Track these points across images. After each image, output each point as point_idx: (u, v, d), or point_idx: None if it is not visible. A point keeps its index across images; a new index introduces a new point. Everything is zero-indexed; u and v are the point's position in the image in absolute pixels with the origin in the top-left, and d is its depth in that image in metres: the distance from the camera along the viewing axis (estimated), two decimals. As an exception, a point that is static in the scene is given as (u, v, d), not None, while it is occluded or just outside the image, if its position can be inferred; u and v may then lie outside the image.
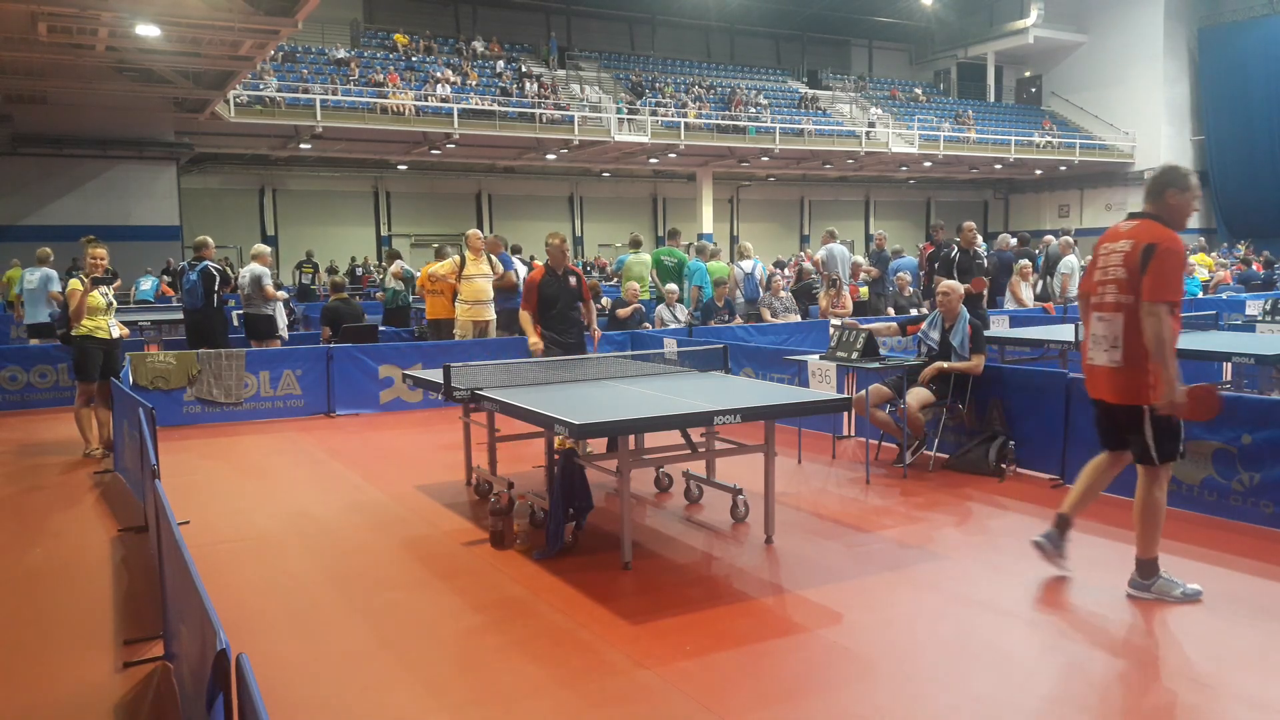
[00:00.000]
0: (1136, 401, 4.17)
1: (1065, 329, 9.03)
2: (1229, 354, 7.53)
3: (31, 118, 20.53)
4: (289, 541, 5.50)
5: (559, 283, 7.37)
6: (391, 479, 6.93)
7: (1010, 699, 3.43)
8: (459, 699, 3.52)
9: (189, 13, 13.89)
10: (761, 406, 5.01)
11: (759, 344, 10.95)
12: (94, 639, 4.13)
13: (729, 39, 38.32)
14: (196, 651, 2.46)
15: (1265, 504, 5.29)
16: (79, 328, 7.71)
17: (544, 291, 7.33)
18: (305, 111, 23.24)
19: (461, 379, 5.81)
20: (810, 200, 39.68)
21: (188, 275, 10.21)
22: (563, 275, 7.40)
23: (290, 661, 3.85)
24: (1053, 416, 6.44)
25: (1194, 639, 3.93)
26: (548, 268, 7.40)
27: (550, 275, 7.38)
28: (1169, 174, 4.37)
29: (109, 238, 10.00)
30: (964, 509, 5.94)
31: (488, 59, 29.72)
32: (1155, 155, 35.76)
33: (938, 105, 37.28)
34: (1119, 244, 4.27)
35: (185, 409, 9.28)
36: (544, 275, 7.39)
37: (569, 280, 7.42)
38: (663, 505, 6.16)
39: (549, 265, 7.40)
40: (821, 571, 4.82)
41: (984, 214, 42.70)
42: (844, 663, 3.76)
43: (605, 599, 4.43)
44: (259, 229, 30.79)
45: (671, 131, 28.03)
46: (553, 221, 35.18)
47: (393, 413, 9.88)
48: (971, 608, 4.25)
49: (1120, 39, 36.69)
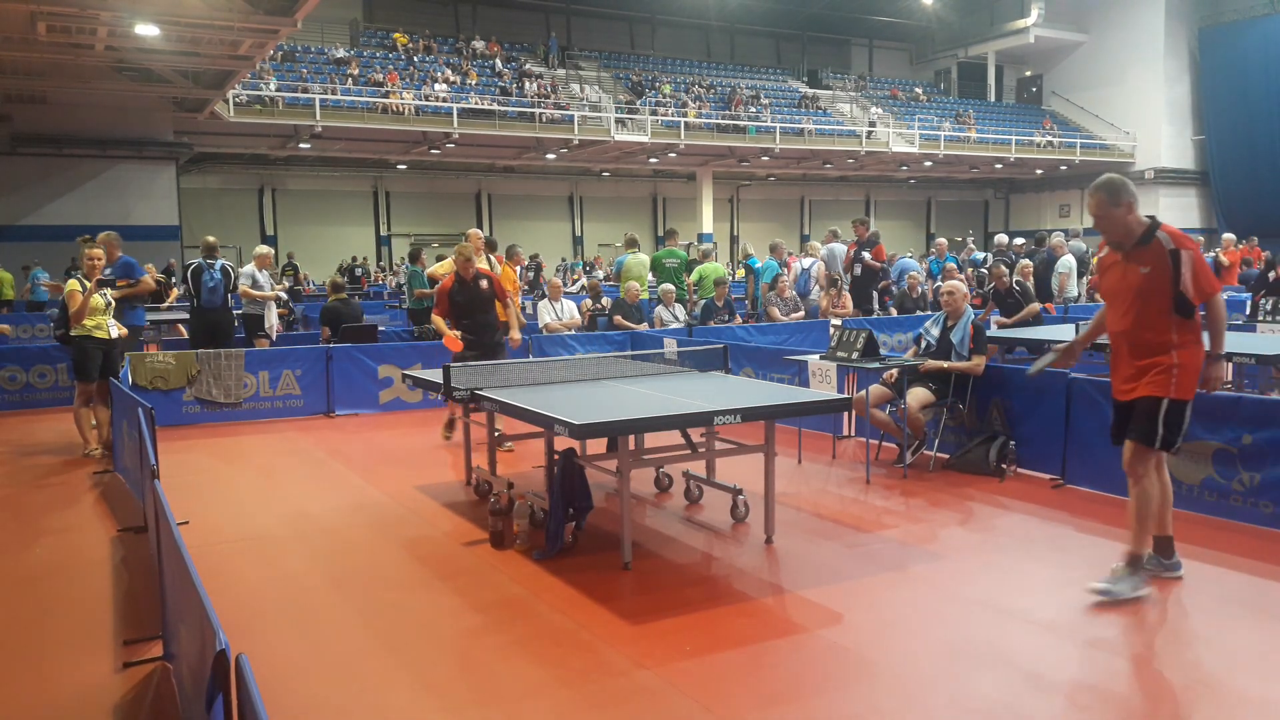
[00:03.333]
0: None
1: (1065, 329, 9.02)
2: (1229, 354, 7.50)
3: (31, 118, 20.52)
4: (289, 541, 5.50)
5: (469, 290, 7.46)
6: (391, 479, 6.92)
7: (1010, 699, 3.42)
8: (459, 699, 3.52)
9: (188, 12, 13.88)
10: (761, 406, 5.00)
11: (759, 344, 10.95)
12: (93, 639, 4.12)
13: (729, 38, 38.32)
14: (196, 652, 2.46)
15: (1265, 504, 5.28)
16: (78, 328, 7.70)
17: (454, 299, 7.44)
18: (305, 111, 23.24)
19: (461, 379, 5.81)
20: (810, 200, 39.69)
21: (209, 274, 10.10)
22: (473, 282, 7.48)
23: (290, 661, 3.85)
24: (1053, 417, 6.44)
25: (1194, 639, 3.93)
26: (457, 275, 7.48)
27: (460, 283, 7.46)
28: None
29: (108, 238, 10.00)
30: (964, 509, 5.94)
31: (487, 59, 29.72)
32: (1156, 155, 35.83)
33: (938, 105, 37.28)
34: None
35: (184, 409, 9.27)
36: (454, 284, 7.48)
37: (480, 285, 7.51)
38: (663, 505, 6.16)
39: (458, 273, 7.49)
40: (821, 571, 4.82)
41: (984, 214, 42.74)
42: (844, 663, 3.75)
43: (605, 599, 4.42)
44: (258, 229, 30.80)
45: (671, 131, 28.03)
46: (553, 221, 35.24)
47: (392, 413, 9.87)
48: (972, 608, 4.25)
49: (1121, 38, 36.70)
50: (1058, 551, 5.08)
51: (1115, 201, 4.29)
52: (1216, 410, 5.52)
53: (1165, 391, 4.22)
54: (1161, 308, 4.23)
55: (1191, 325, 4.26)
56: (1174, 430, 4.26)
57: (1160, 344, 4.25)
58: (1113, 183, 4.33)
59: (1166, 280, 4.21)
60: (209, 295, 10.10)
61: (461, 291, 7.47)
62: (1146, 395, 4.26)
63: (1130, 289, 4.31)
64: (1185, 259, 4.18)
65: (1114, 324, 4.43)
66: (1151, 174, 35.76)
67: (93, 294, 7.72)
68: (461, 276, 7.48)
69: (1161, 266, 4.22)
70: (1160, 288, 4.22)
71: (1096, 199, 4.33)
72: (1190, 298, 4.20)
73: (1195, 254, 4.20)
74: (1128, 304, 4.33)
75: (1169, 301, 4.21)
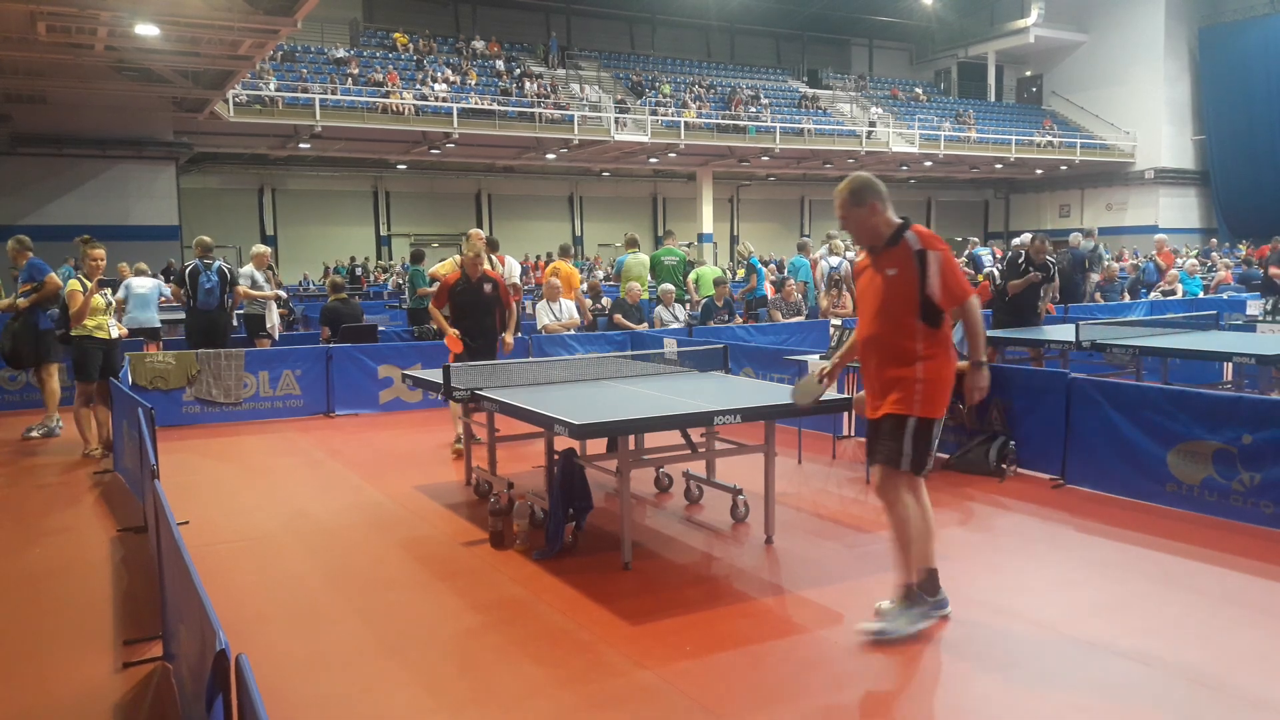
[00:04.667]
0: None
1: (1066, 329, 9.03)
2: (1229, 354, 7.52)
3: (31, 118, 20.51)
4: (289, 541, 5.50)
5: (473, 290, 7.32)
6: (391, 479, 6.92)
7: (1010, 699, 3.42)
8: (459, 699, 3.51)
9: (188, 12, 13.88)
10: (761, 406, 5.00)
11: (759, 344, 10.95)
12: (93, 639, 4.12)
13: (729, 38, 38.32)
14: (196, 651, 2.46)
15: (1265, 504, 5.28)
16: (79, 328, 7.70)
17: (456, 297, 7.27)
18: (304, 111, 23.25)
19: (461, 379, 5.81)
20: (810, 200, 39.69)
21: (206, 275, 10.11)
22: (477, 283, 7.32)
23: (290, 661, 3.84)
24: (1053, 417, 6.44)
25: (1194, 639, 3.93)
26: (463, 272, 7.33)
27: (464, 281, 7.31)
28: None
29: (108, 238, 10.01)
30: (964, 509, 5.94)
31: (487, 58, 29.72)
32: (1156, 155, 35.84)
33: (938, 105, 37.29)
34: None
35: (184, 409, 9.27)
36: (459, 280, 7.31)
37: (484, 288, 7.35)
38: (663, 505, 6.16)
39: (464, 269, 7.33)
40: (821, 571, 4.82)
41: (984, 214, 42.75)
42: (844, 663, 3.75)
43: (605, 599, 4.42)
44: (258, 229, 30.81)
45: (671, 131, 28.04)
46: (553, 221, 35.22)
47: (392, 413, 9.87)
48: (972, 608, 4.25)
49: (1121, 38, 36.72)
50: (1058, 551, 5.07)
51: (857, 201, 3.96)
52: (1216, 410, 5.52)
53: (909, 409, 3.88)
54: (907, 314, 3.88)
55: (940, 336, 3.90)
56: (922, 451, 3.91)
57: (905, 354, 3.89)
58: (855, 183, 4.00)
59: (913, 284, 3.85)
60: (205, 297, 10.09)
61: (465, 290, 7.34)
62: (890, 413, 3.93)
63: (877, 293, 3.98)
64: (932, 260, 3.82)
65: (861, 331, 4.11)
66: (1151, 174, 35.78)
67: (94, 294, 7.72)
68: (467, 274, 7.35)
69: (907, 269, 3.87)
70: (906, 292, 3.87)
71: (839, 200, 4.01)
72: (938, 303, 3.84)
73: (944, 255, 3.85)
74: (875, 310, 3.99)
75: (915, 307, 3.86)
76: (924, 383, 3.88)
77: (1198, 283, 16.40)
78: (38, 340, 8.39)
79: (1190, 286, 15.64)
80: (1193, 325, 9.35)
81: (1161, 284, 15.79)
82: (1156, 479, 5.78)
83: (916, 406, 3.88)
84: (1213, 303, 14.01)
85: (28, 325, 8.36)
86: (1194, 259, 22.06)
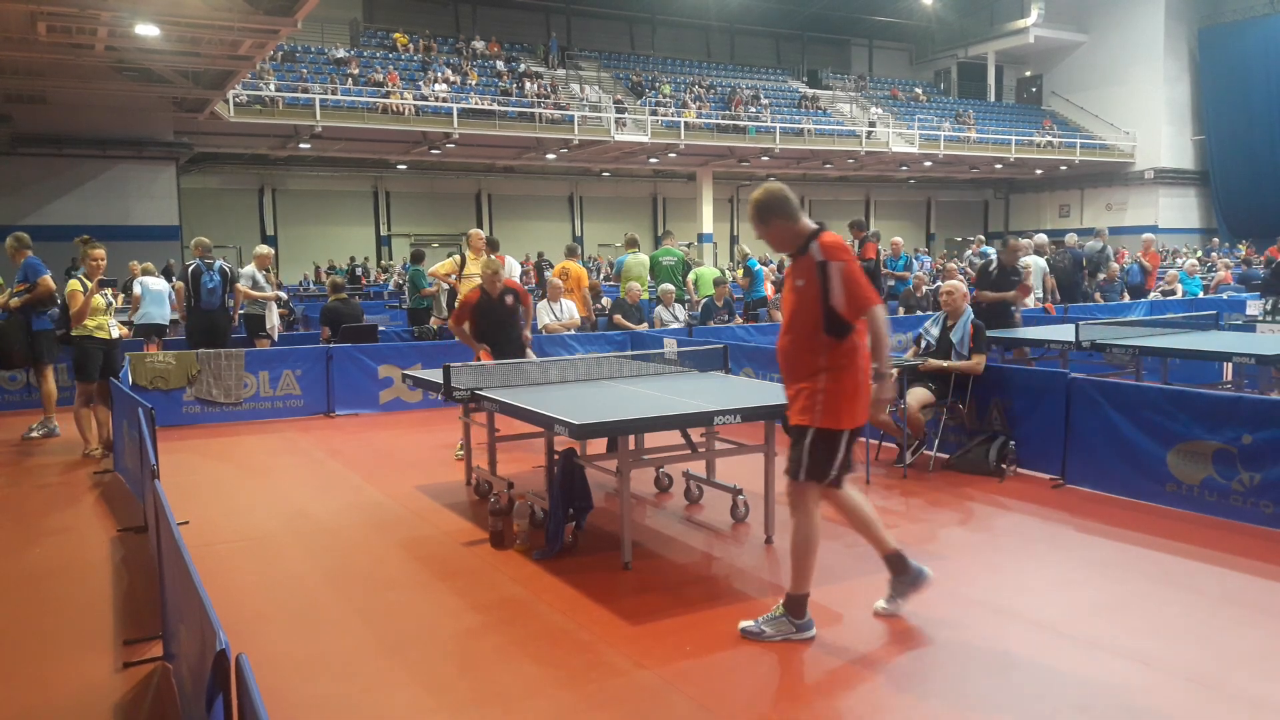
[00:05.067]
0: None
1: (1066, 329, 9.03)
2: (1229, 354, 7.52)
3: (31, 118, 20.51)
4: (289, 541, 5.50)
5: (497, 307, 7.30)
6: (391, 479, 6.92)
7: (1010, 699, 3.42)
8: (459, 699, 3.52)
9: (188, 12, 13.88)
10: (761, 406, 5.00)
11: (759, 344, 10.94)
12: (93, 639, 4.13)
13: (729, 39, 38.33)
14: (196, 651, 2.46)
15: (1265, 504, 5.28)
16: (79, 328, 7.70)
17: (480, 316, 7.24)
18: (305, 111, 23.25)
19: (461, 379, 5.81)
20: (810, 200, 39.63)
21: (209, 275, 10.12)
22: (499, 298, 7.31)
23: (290, 661, 3.85)
24: (1053, 417, 6.43)
25: (1194, 639, 3.93)
26: (483, 291, 7.29)
27: (487, 299, 7.28)
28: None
29: (108, 238, 10.03)
30: (964, 509, 5.94)
31: (487, 59, 29.72)
32: (1156, 155, 35.85)
33: (938, 105, 37.29)
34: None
35: (185, 409, 9.27)
36: (480, 298, 7.28)
37: (505, 300, 7.33)
38: (663, 505, 6.16)
39: (484, 289, 7.29)
40: (822, 571, 4.79)
41: (984, 214, 42.75)
42: (844, 663, 3.75)
43: (605, 599, 4.42)
44: (258, 229, 30.82)
45: (671, 131, 28.04)
46: (553, 221, 35.23)
47: (392, 413, 9.87)
48: (972, 608, 4.25)
49: (1121, 39, 36.73)
50: (1058, 551, 5.07)
51: (763, 220, 3.97)
52: (1216, 410, 5.53)
53: (810, 420, 3.87)
54: (813, 325, 3.85)
55: (844, 348, 3.85)
56: (821, 461, 3.90)
57: (809, 366, 3.88)
58: (760, 200, 3.95)
59: (816, 295, 3.82)
60: (208, 296, 10.14)
61: (490, 308, 7.25)
62: (796, 424, 3.94)
63: (790, 304, 3.97)
64: (834, 271, 3.77)
65: (779, 341, 4.09)
66: (1151, 174, 35.80)
67: (94, 294, 7.73)
68: (487, 291, 7.23)
69: (812, 280, 3.84)
70: (811, 304, 3.84)
71: (750, 217, 4.02)
72: (842, 314, 3.80)
73: (847, 265, 3.78)
74: (787, 321, 3.99)
75: (820, 319, 3.82)
76: (826, 394, 3.86)
77: (1197, 283, 16.40)
78: (30, 341, 8.35)
79: (1190, 286, 15.64)
80: (1192, 325, 9.35)
81: (1162, 284, 15.80)
82: (1156, 479, 5.78)
83: (817, 418, 3.87)
84: (1212, 303, 14.01)
85: (18, 325, 8.31)
86: (1194, 259, 22.07)
